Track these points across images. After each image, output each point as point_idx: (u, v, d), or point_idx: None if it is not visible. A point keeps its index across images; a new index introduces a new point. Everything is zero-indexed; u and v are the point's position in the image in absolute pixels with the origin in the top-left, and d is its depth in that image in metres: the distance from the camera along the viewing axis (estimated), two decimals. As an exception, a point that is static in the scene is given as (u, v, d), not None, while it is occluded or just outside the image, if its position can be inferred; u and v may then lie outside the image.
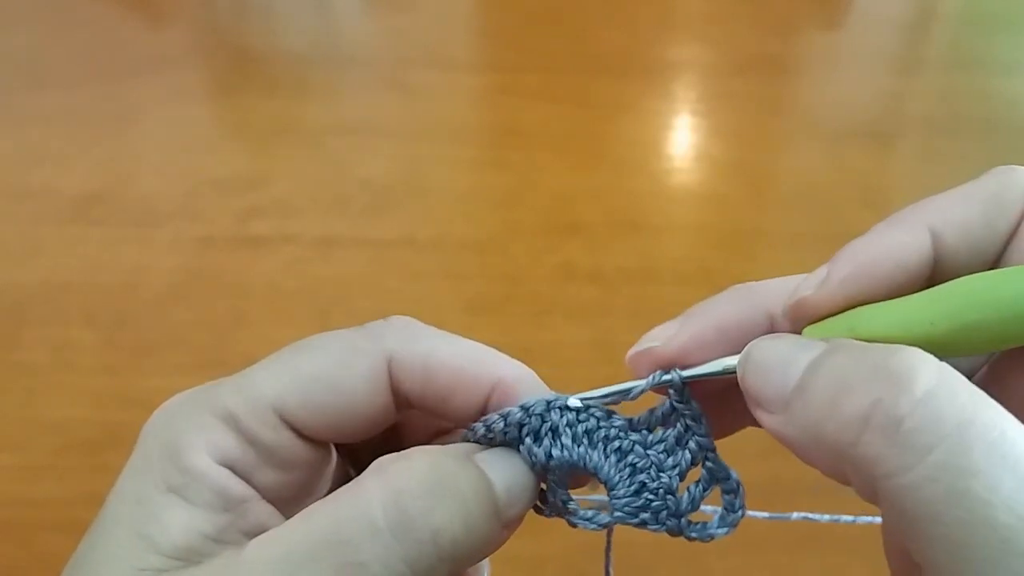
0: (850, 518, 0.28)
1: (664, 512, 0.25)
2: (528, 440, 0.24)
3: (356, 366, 0.24)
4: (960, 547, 0.17)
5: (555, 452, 0.24)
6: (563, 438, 0.24)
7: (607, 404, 0.25)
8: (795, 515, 0.27)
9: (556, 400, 0.25)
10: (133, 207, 0.85)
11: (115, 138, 0.94)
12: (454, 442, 0.25)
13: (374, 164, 0.91)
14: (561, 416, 0.25)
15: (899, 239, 0.22)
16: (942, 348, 0.21)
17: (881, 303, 0.22)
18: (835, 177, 0.92)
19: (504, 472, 0.23)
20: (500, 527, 0.23)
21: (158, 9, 1.19)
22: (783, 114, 1.05)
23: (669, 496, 0.25)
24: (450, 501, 0.21)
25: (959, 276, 0.21)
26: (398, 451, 0.23)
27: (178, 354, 0.71)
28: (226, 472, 0.22)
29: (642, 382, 0.25)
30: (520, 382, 0.25)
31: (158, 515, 0.21)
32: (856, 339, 0.22)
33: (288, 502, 0.24)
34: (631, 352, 0.25)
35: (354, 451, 0.27)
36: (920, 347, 0.21)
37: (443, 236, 0.83)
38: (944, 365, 0.19)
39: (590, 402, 0.25)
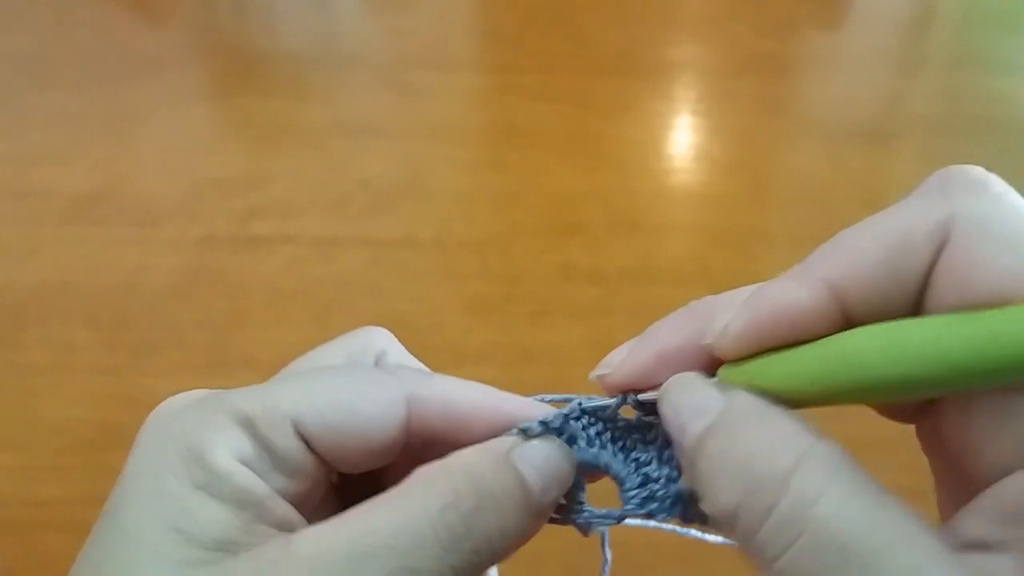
0: None
1: (669, 500, 0.26)
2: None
3: (376, 395, 0.25)
4: None
5: (576, 454, 0.26)
6: (580, 441, 0.26)
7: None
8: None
9: (572, 412, 0.26)
10: (133, 207, 0.85)
11: (115, 138, 0.94)
12: None
13: (374, 164, 0.91)
14: (575, 423, 0.26)
15: (794, 297, 0.21)
16: (830, 402, 0.21)
17: (782, 352, 0.22)
18: (835, 177, 0.92)
19: (539, 464, 0.25)
20: (535, 520, 0.24)
21: (158, 9, 1.19)
22: (783, 114, 1.05)
23: (672, 484, 0.26)
24: (490, 513, 0.23)
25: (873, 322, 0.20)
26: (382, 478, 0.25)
27: (178, 354, 0.71)
28: (247, 471, 0.23)
29: (612, 401, 0.26)
30: (536, 412, 0.26)
31: (190, 511, 0.22)
32: (754, 388, 0.22)
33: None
34: (591, 375, 0.27)
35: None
36: (808, 401, 0.21)
37: (443, 236, 0.83)
38: (806, 458, 0.19)
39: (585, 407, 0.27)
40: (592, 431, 0.26)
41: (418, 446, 0.26)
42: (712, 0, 1.26)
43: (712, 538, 0.27)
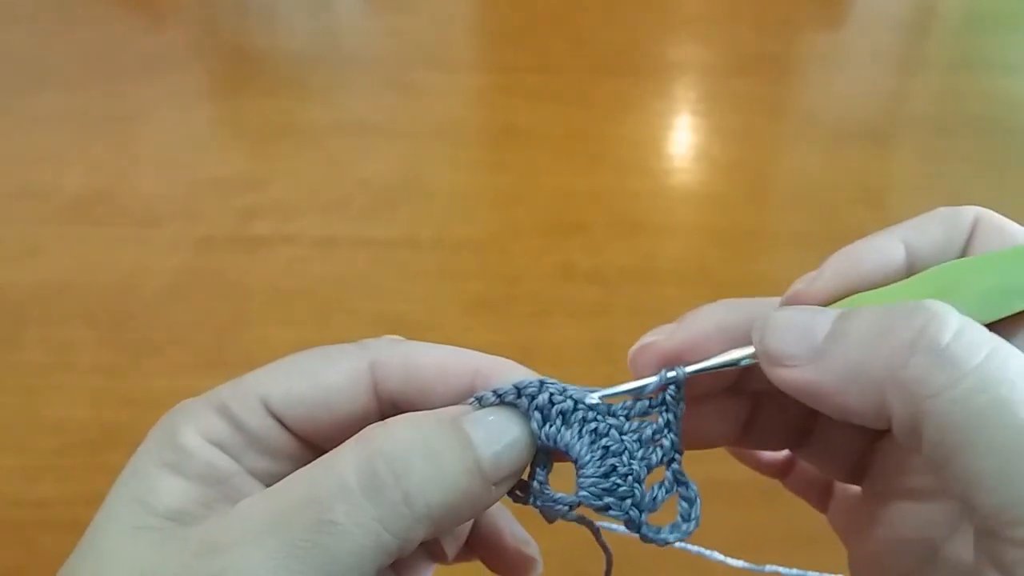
0: (816, 574, 0.29)
1: (628, 500, 0.25)
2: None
3: (339, 365, 0.25)
4: (1007, 448, 0.19)
5: (537, 430, 0.24)
6: (540, 416, 0.24)
7: (622, 399, 0.26)
8: (768, 567, 0.27)
9: (528, 385, 0.24)
10: (133, 207, 0.85)
11: (115, 138, 0.94)
12: None
13: (374, 164, 0.91)
14: (539, 398, 0.24)
15: (879, 244, 0.25)
16: None
17: (872, 291, 0.25)
18: (835, 177, 0.92)
19: (491, 430, 0.24)
20: (486, 486, 0.23)
21: (158, 9, 1.19)
22: (783, 114, 1.05)
23: (636, 484, 0.25)
24: (423, 462, 0.22)
25: None
26: None
27: (178, 354, 0.71)
28: (215, 450, 0.24)
29: (653, 379, 0.25)
30: (499, 369, 0.25)
31: (153, 485, 0.23)
32: None
33: None
34: (633, 349, 0.26)
35: None
36: None
37: (443, 236, 0.83)
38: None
39: (606, 396, 0.26)
40: (558, 408, 0.24)
41: (394, 415, 0.25)
42: (712, 0, 1.26)
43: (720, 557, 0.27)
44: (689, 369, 0.25)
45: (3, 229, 0.82)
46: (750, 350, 0.25)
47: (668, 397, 0.26)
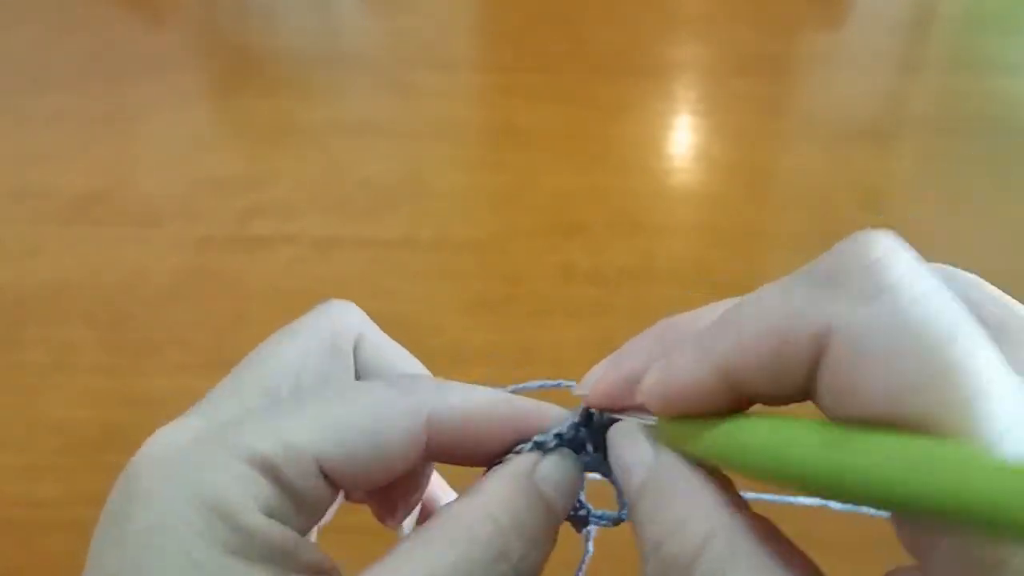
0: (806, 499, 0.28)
1: None
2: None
3: (397, 424, 0.24)
4: None
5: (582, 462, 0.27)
6: (587, 447, 0.26)
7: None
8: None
9: (583, 420, 0.26)
10: (133, 207, 0.85)
11: (115, 138, 0.94)
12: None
13: (374, 164, 0.91)
14: (584, 430, 0.26)
15: (692, 379, 0.21)
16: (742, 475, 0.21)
17: (694, 420, 0.22)
18: (835, 177, 0.92)
19: (560, 483, 0.25)
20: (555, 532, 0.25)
21: (158, 9, 1.19)
22: (783, 114, 1.05)
23: None
24: (532, 553, 0.23)
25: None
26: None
27: (178, 354, 0.71)
28: (278, 525, 0.22)
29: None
30: (544, 416, 0.26)
31: None
32: (676, 448, 0.22)
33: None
34: (573, 393, 0.27)
35: None
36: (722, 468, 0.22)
37: (443, 236, 0.83)
38: (712, 538, 0.20)
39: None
40: (598, 438, 0.26)
41: (438, 457, 0.26)
42: (712, 0, 1.26)
43: None
44: (618, 419, 0.26)
45: (3, 229, 0.82)
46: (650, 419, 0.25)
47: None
